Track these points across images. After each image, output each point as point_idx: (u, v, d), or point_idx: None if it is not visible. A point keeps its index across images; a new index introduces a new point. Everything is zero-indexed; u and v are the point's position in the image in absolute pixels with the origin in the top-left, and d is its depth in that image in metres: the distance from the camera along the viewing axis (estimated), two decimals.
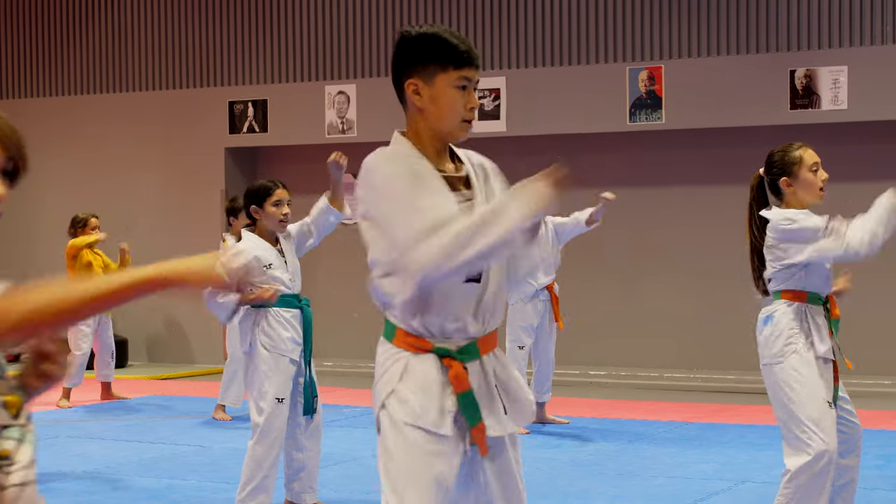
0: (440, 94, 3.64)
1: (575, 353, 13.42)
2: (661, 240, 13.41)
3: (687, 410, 11.29)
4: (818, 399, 5.56)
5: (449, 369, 3.63)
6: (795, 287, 5.70)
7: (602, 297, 13.60)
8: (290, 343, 6.85)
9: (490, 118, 13.48)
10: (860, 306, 12.32)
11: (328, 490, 7.58)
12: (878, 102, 12.13)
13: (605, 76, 13.15)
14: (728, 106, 12.49)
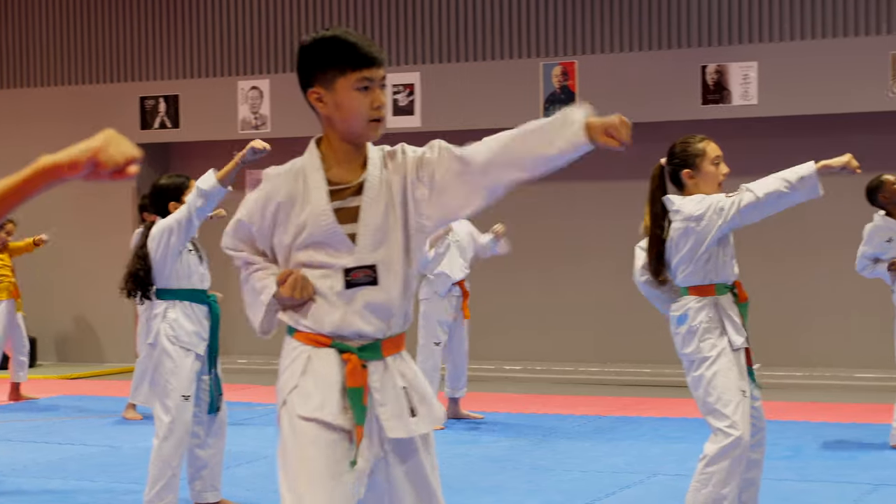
0: (342, 99, 3.61)
1: (490, 348, 13.44)
2: (577, 234, 13.46)
3: (601, 404, 11.33)
4: (734, 390, 5.74)
5: (347, 363, 3.62)
6: (702, 282, 5.84)
7: (517, 292, 13.62)
8: (194, 337, 6.77)
9: (404, 114, 13.45)
10: (769, 298, 12.44)
11: (238, 489, 7.51)
12: (787, 97, 12.25)
13: (519, 71, 13.17)
14: (641, 101, 12.55)
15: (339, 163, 3.68)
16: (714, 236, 5.77)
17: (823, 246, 12.42)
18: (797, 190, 5.62)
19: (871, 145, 12.14)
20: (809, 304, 12.66)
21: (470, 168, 3.63)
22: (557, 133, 3.55)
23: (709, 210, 5.76)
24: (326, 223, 3.61)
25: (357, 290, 3.61)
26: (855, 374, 12.24)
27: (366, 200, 3.64)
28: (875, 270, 8.94)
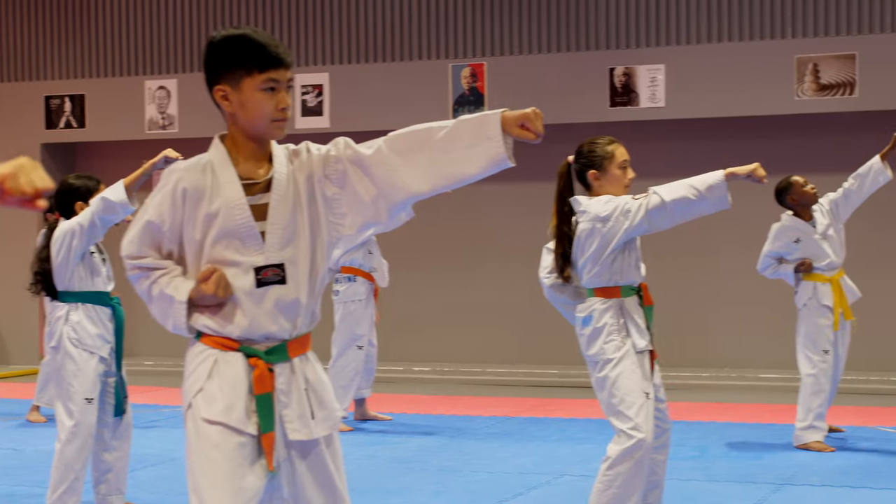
0: (248, 99, 3.60)
1: (399, 349, 13.43)
2: (485, 235, 13.48)
3: (509, 405, 11.36)
4: (637, 392, 5.77)
5: (254, 369, 3.59)
6: (607, 283, 5.87)
7: (425, 294, 13.63)
8: (98, 340, 6.68)
9: (313, 114, 13.40)
10: (674, 300, 12.55)
11: (144, 492, 7.44)
12: (694, 100, 12.36)
13: (428, 72, 13.18)
14: (549, 103, 12.57)
15: (245, 159, 3.67)
16: (620, 239, 5.80)
17: (727, 246, 12.54)
18: (705, 199, 5.64)
19: (779, 148, 12.30)
20: (714, 305, 12.78)
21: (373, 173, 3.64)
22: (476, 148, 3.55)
23: (616, 211, 5.78)
24: (242, 218, 3.59)
25: (267, 289, 3.60)
26: (759, 375, 12.37)
27: (274, 198, 3.62)
28: (778, 271, 9.04)
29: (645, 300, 5.93)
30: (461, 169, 3.59)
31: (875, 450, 8.79)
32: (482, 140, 3.56)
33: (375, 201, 3.65)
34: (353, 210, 3.68)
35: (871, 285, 10.89)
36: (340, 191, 3.67)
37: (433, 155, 3.59)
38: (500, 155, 3.55)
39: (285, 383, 3.64)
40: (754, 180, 5.65)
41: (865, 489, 7.46)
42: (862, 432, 9.52)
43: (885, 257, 12.13)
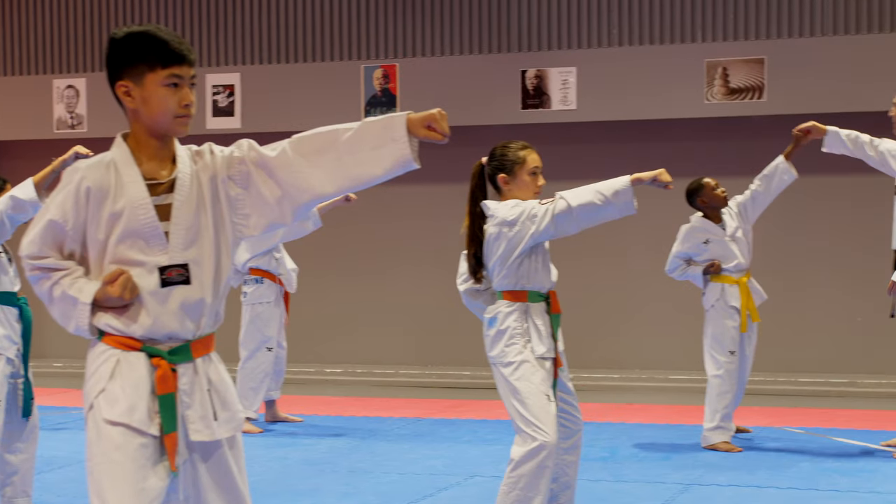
0: (150, 94, 3.59)
1: (311, 351, 13.39)
2: (397, 237, 13.48)
3: (421, 406, 11.36)
4: (538, 394, 5.79)
5: (157, 369, 3.57)
6: (514, 287, 5.90)
7: (338, 295, 13.60)
8: (5, 341, 6.59)
9: (224, 115, 13.33)
10: (585, 301, 12.63)
11: (50, 494, 7.36)
12: (606, 103, 12.44)
13: (340, 73, 13.15)
14: (461, 104, 12.62)
15: (149, 158, 3.65)
16: (527, 243, 5.82)
17: (636, 247, 12.63)
18: (611, 204, 5.68)
19: (689, 150, 12.41)
20: (624, 307, 12.87)
21: (277, 175, 3.64)
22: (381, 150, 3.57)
23: (522, 216, 5.81)
24: (146, 218, 3.57)
25: (171, 289, 3.58)
26: (669, 377, 12.47)
27: (178, 198, 3.61)
28: (686, 273, 9.12)
29: (553, 307, 5.96)
30: (367, 170, 3.60)
31: (781, 450, 8.89)
32: (388, 142, 3.57)
33: (280, 203, 3.65)
34: (257, 211, 3.68)
35: (778, 287, 11.03)
36: (244, 192, 3.67)
37: (338, 157, 3.60)
38: (406, 156, 3.57)
39: (188, 384, 3.62)
40: (659, 185, 5.70)
41: (771, 489, 7.55)
42: (769, 433, 9.62)
43: (792, 260, 12.28)
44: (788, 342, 12.15)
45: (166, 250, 3.59)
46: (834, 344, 12.26)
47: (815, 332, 12.30)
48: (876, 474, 7.96)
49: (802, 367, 12.26)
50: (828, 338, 12.28)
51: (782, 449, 8.94)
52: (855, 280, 11.93)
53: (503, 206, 5.91)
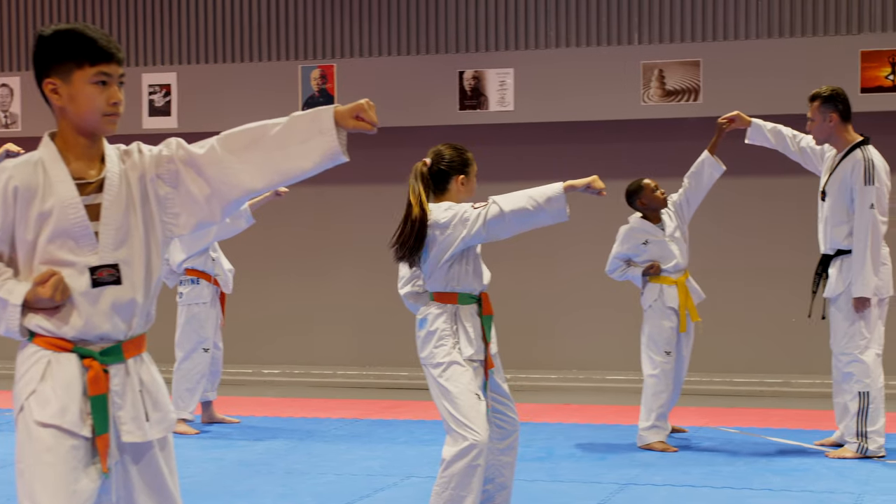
0: (78, 92, 3.58)
1: (248, 352, 13.33)
2: (334, 238, 13.44)
3: (359, 407, 11.35)
4: (468, 394, 5.83)
5: (89, 370, 3.55)
6: (444, 289, 5.94)
7: (275, 296, 13.55)
8: None
9: (161, 114, 13.25)
10: (522, 301, 12.65)
11: None
12: (543, 104, 12.47)
13: (277, 73, 13.10)
14: (399, 105, 12.62)
15: (77, 157, 3.62)
16: (458, 246, 5.84)
17: (574, 248, 12.67)
18: (544, 210, 5.72)
19: (626, 152, 12.46)
20: (562, 307, 12.90)
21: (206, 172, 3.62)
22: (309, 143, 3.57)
23: (455, 219, 5.83)
24: (76, 217, 3.55)
25: (102, 289, 3.56)
26: (606, 377, 12.52)
27: (107, 198, 3.59)
28: (626, 273, 9.16)
29: (484, 309, 5.99)
30: (296, 164, 3.60)
31: (717, 450, 8.95)
32: (315, 135, 3.58)
33: (209, 200, 3.64)
34: (187, 210, 3.67)
35: (715, 287, 11.10)
36: (173, 191, 3.66)
37: (267, 152, 3.60)
38: (334, 149, 3.58)
39: (120, 385, 3.60)
40: (593, 192, 5.73)
41: (706, 488, 7.60)
42: (705, 432, 9.69)
43: (729, 260, 12.36)
44: (724, 342, 12.23)
45: (96, 250, 3.57)
46: (769, 344, 12.35)
47: (750, 332, 12.39)
48: (809, 473, 8.03)
49: (738, 368, 12.35)
50: (763, 338, 12.37)
51: (717, 448, 9.00)
52: (789, 281, 12.02)
53: (436, 208, 5.93)
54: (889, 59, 11.61)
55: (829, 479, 7.84)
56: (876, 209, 8.35)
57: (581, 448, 9.05)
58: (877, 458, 8.42)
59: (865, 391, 8.40)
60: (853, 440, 8.47)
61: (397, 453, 8.88)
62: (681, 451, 8.86)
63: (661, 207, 9.07)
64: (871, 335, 8.45)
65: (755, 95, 11.76)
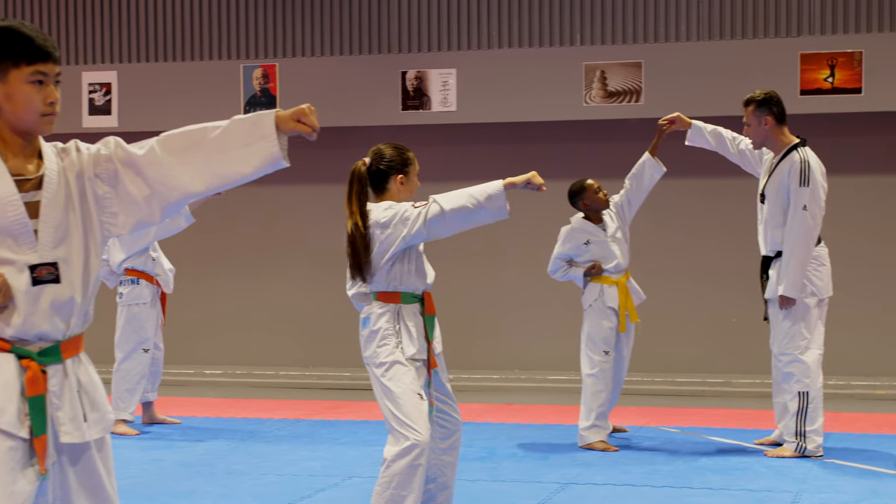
0: (15, 91, 3.55)
1: (190, 352, 13.27)
2: (279, 238, 13.40)
3: (302, 408, 11.32)
4: (410, 394, 5.85)
5: (27, 371, 3.52)
6: (386, 288, 5.94)
7: (218, 297, 13.49)
8: None
9: (101, 113, 13.16)
10: (466, 302, 12.67)
11: None
12: (486, 105, 12.49)
13: (219, 73, 13.05)
14: (341, 105, 12.60)
15: (14, 155, 3.60)
16: (398, 246, 5.85)
17: (516, 248, 12.70)
18: (484, 208, 5.74)
19: (568, 152, 12.50)
20: (504, 307, 12.93)
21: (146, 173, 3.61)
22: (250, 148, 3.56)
23: (395, 218, 5.84)
24: (15, 214, 3.52)
25: (42, 288, 3.53)
26: (549, 377, 12.56)
27: (46, 196, 3.57)
28: (568, 274, 9.19)
29: (427, 309, 6.00)
30: (236, 168, 3.59)
31: (657, 449, 9.00)
32: (257, 139, 3.57)
33: (148, 201, 3.63)
34: (125, 210, 3.65)
35: (656, 288, 11.16)
36: (112, 190, 3.64)
37: (207, 155, 3.59)
38: (275, 154, 3.57)
39: (58, 385, 3.58)
40: (533, 188, 5.76)
41: (646, 487, 7.64)
42: (645, 432, 9.74)
43: (671, 260, 12.43)
44: (666, 342, 12.29)
45: (36, 248, 3.55)
46: (710, 344, 12.43)
47: (691, 332, 12.46)
48: (748, 472, 8.10)
49: (679, 368, 12.41)
50: (704, 338, 12.44)
51: (658, 448, 9.05)
52: (731, 281, 12.11)
53: (377, 207, 5.95)
54: (828, 62, 11.72)
55: (767, 477, 7.91)
56: (810, 210, 8.42)
57: (523, 448, 9.07)
58: (815, 457, 8.49)
59: (805, 391, 8.48)
60: (792, 439, 8.55)
61: (339, 454, 8.87)
62: (622, 450, 8.91)
63: (602, 208, 9.11)
64: (812, 336, 8.53)
65: (696, 97, 11.84)
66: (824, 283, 8.60)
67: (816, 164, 8.55)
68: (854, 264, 11.75)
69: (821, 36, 11.89)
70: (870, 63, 11.65)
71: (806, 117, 11.23)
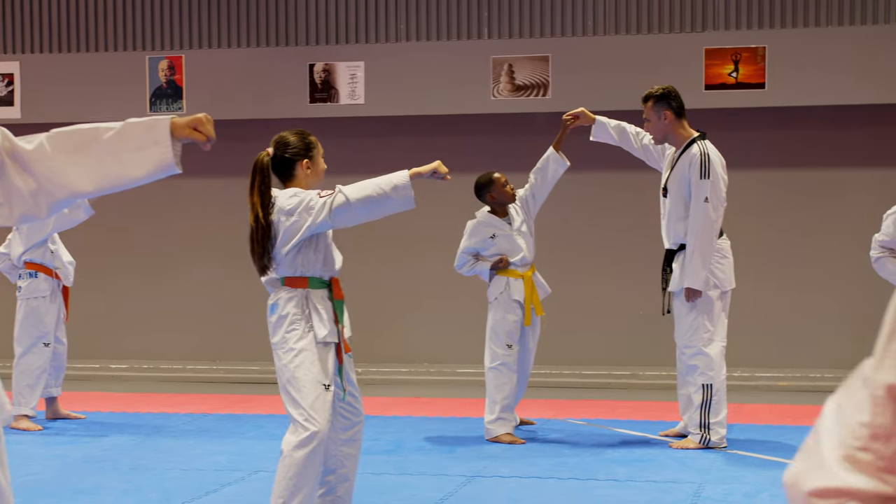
0: None
1: (95, 347, 13.13)
2: (187, 231, 13.30)
3: (209, 402, 11.25)
4: (314, 383, 5.84)
5: None
6: (293, 274, 5.91)
7: (125, 289, 13.36)
8: None
9: (4, 104, 12.98)
10: (374, 295, 12.66)
11: None
12: (394, 98, 12.48)
13: (124, 64, 12.91)
14: (249, 98, 12.53)
15: None
16: (303, 234, 5.85)
17: (425, 242, 12.71)
18: (391, 198, 5.75)
19: (476, 146, 12.53)
20: (413, 301, 12.93)
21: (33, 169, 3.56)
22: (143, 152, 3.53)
23: (300, 206, 5.83)
24: None
25: None
26: (457, 370, 12.58)
27: None
28: (475, 268, 9.21)
29: (335, 294, 5.99)
30: (127, 172, 3.56)
31: (564, 441, 9.05)
32: (150, 144, 3.54)
33: (35, 196, 3.58)
34: (10, 201, 3.59)
35: (564, 281, 11.22)
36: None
37: (99, 156, 3.55)
38: (168, 160, 3.55)
39: None
40: (438, 177, 5.79)
41: (553, 479, 7.68)
42: (552, 424, 9.79)
43: (577, 254, 12.50)
44: (573, 335, 12.36)
45: None
46: (617, 337, 12.52)
47: (598, 325, 12.54)
48: (653, 463, 8.17)
49: (586, 360, 12.49)
50: (611, 331, 12.53)
51: (564, 440, 9.10)
52: (637, 274, 12.19)
53: (282, 194, 5.94)
54: (732, 57, 11.85)
55: (672, 469, 7.98)
56: (711, 202, 8.51)
57: (430, 441, 9.08)
58: (719, 448, 8.59)
59: (709, 383, 8.56)
60: (696, 431, 8.63)
61: (245, 448, 8.82)
62: (528, 442, 8.95)
63: (509, 202, 9.13)
64: (715, 328, 8.62)
65: (603, 91, 11.91)
66: (727, 276, 8.69)
67: (716, 157, 8.63)
68: (757, 257, 11.89)
69: (725, 31, 12.01)
70: (773, 58, 11.79)
71: (710, 112, 11.34)
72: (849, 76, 11.66)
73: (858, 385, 1.56)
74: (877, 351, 1.56)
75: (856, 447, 1.51)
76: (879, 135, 11.99)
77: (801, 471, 1.55)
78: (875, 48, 11.65)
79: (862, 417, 1.52)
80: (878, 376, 1.53)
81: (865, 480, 1.49)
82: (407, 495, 7.29)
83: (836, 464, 1.51)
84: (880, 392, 1.52)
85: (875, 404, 1.52)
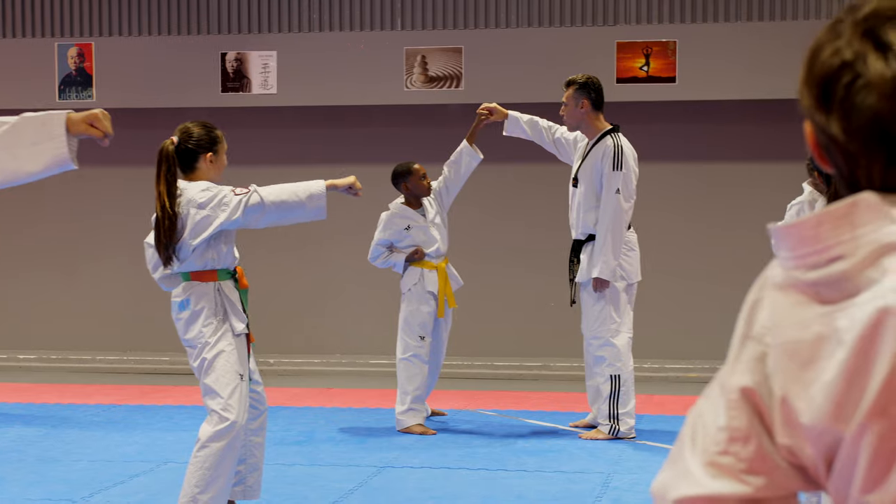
0: None
1: (3, 337, 12.99)
2: (96, 221, 13.17)
3: (119, 393, 11.15)
4: (232, 374, 5.85)
5: None
6: (203, 268, 5.89)
7: (34, 279, 13.21)
8: None
9: None
10: (285, 286, 12.62)
11: None
12: (306, 88, 12.44)
13: (33, 51, 12.75)
14: (160, 86, 12.43)
15: None
16: (213, 229, 5.84)
17: (339, 233, 12.68)
18: (304, 206, 5.82)
19: (389, 137, 12.52)
20: (326, 292, 12.91)
21: None
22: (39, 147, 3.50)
23: (213, 201, 5.82)
24: None
25: None
26: (370, 361, 12.57)
27: None
28: (389, 260, 9.21)
29: (240, 283, 6.01)
30: (22, 166, 3.53)
31: (474, 432, 9.09)
32: (45, 139, 3.51)
33: None
34: None
35: (476, 272, 11.25)
36: None
37: None
38: (63, 155, 3.52)
39: None
40: (352, 193, 5.93)
41: (463, 470, 7.71)
42: (463, 415, 9.82)
43: (489, 245, 12.54)
44: (484, 326, 12.40)
45: None
46: (528, 328, 12.57)
47: (510, 316, 12.59)
48: (562, 454, 8.23)
49: (498, 351, 12.53)
50: (523, 322, 12.58)
51: (475, 431, 9.14)
52: (548, 265, 12.25)
53: (194, 186, 5.91)
54: (643, 51, 11.94)
55: (581, 459, 8.04)
56: (622, 194, 8.59)
57: (342, 432, 9.08)
58: (628, 438, 8.67)
59: (617, 374, 8.64)
60: (605, 422, 8.70)
61: (155, 439, 8.77)
62: (439, 433, 8.97)
63: (425, 195, 9.15)
64: (622, 319, 8.69)
65: (515, 83, 11.95)
66: (633, 268, 8.77)
67: (629, 150, 8.71)
68: (667, 249, 12.00)
69: (636, 25, 12.10)
70: (684, 52, 11.90)
71: (622, 105, 11.41)
72: (755, 72, 11.79)
73: (717, 392, 1.59)
74: (730, 356, 1.59)
75: (716, 452, 1.54)
76: (785, 129, 12.13)
77: (667, 480, 1.58)
78: (775, 44, 11.78)
79: (719, 422, 1.55)
80: (732, 380, 1.56)
81: (729, 485, 1.52)
82: (317, 486, 7.28)
83: (699, 471, 1.53)
84: (734, 395, 1.55)
85: (730, 407, 1.55)
